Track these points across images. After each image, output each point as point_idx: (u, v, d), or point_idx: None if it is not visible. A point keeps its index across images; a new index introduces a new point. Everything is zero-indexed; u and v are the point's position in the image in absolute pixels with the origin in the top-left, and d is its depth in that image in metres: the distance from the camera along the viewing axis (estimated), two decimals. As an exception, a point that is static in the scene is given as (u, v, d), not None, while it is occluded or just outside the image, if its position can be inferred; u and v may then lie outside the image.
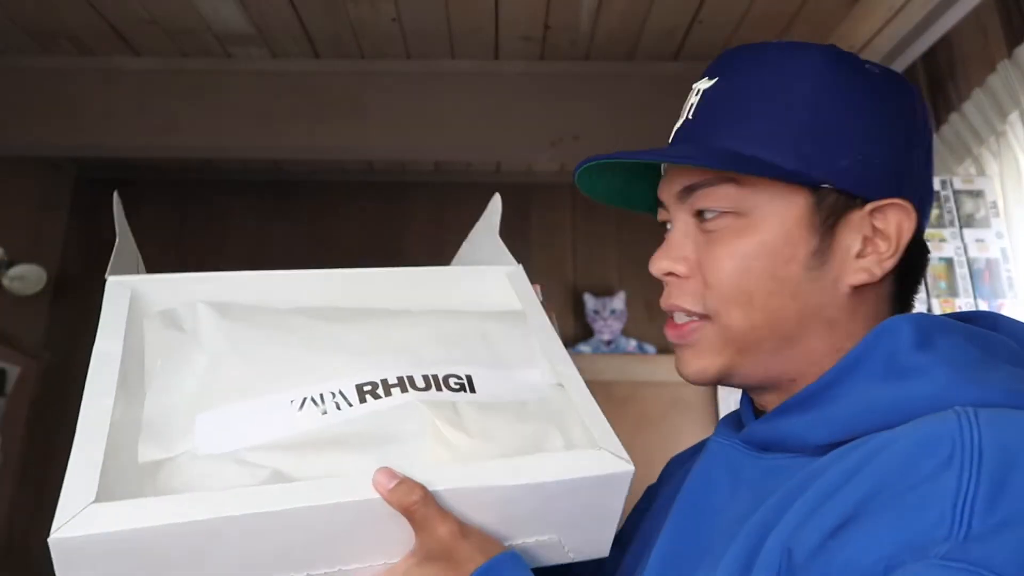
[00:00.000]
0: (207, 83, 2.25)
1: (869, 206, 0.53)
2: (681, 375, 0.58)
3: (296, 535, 0.49)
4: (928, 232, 0.66)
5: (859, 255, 0.53)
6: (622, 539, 0.72)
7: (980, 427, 0.40)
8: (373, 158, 2.70)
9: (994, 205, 1.62)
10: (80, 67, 2.24)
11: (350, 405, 0.55)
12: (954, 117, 1.75)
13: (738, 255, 0.54)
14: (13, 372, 2.45)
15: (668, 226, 0.60)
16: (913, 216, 0.53)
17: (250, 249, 2.82)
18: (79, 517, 0.44)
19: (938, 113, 1.86)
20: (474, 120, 2.24)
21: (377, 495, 0.49)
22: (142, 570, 0.46)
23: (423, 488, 0.50)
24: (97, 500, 0.45)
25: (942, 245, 1.58)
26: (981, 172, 1.68)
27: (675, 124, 0.60)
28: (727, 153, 0.54)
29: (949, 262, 1.58)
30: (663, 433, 2.52)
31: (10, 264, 2.45)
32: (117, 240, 0.65)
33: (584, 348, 2.57)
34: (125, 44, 2.17)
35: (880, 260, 0.53)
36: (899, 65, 2.00)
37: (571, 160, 2.68)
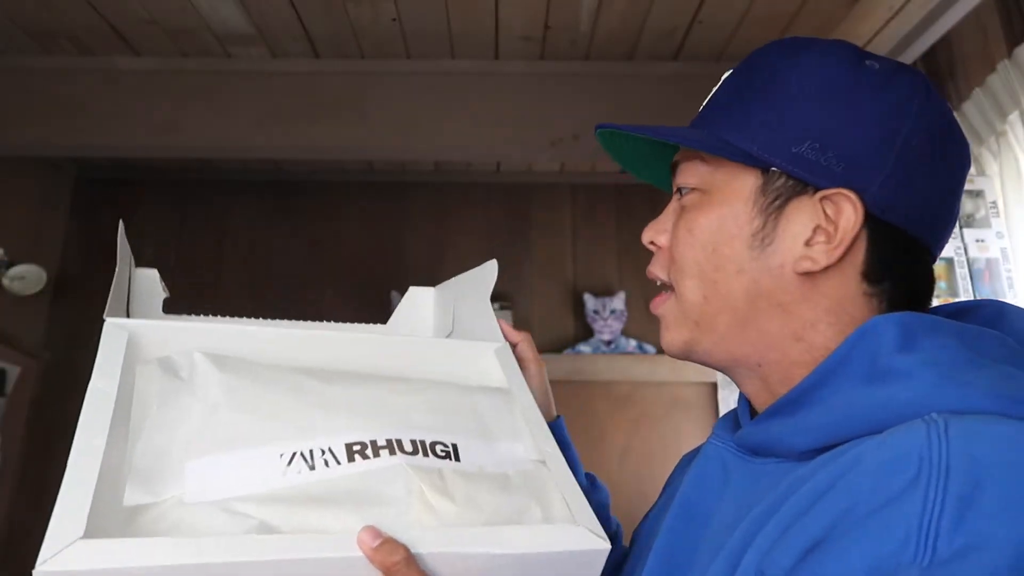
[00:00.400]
0: (207, 83, 2.25)
1: (819, 194, 0.53)
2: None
3: None
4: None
5: (808, 242, 0.53)
6: (631, 541, 0.72)
7: (949, 441, 0.39)
8: (373, 158, 2.70)
9: (994, 205, 1.62)
10: (80, 67, 2.24)
11: (338, 463, 0.56)
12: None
13: (693, 228, 0.58)
14: (13, 372, 2.45)
15: None
16: (859, 208, 0.52)
17: (250, 249, 2.82)
18: (66, 552, 0.44)
19: (938, 113, 1.86)
20: (474, 120, 2.24)
21: (360, 553, 0.50)
22: None
23: (406, 549, 0.50)
24: (85, 536, 0.45)
25: (942, 245, 1.58)
26: (981, 172, 1.68)
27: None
28: (706, 135, 0.58)
29: (949, 262, 1.58)
30: (663, 433, 2.52)
31: (10, 264, 2.45)
32: (116, 275, 0.66)
33: (584, 348, 2.57)
34: (125, 44, 2.17)
35: (827, 250, 0.53)
36: (899, 65, 1.99)
37: (571, 160, 2.68)
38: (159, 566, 0.45)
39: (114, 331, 0.62)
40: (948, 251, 1.58)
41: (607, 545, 0.57)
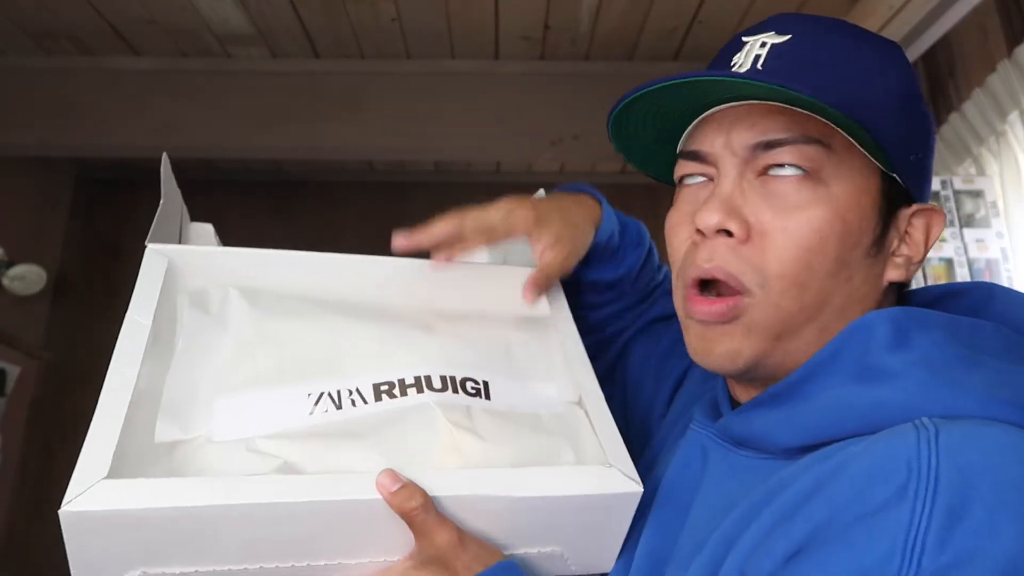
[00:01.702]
0: (207, 83, 2.25)
1: (915, 207, 0.52)
2: (702, 360, 0.52)
3: (298, 527, 0.49)
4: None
5: (894, 253, 0.52)
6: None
7: (939, 449, 0.38)
8: (373, 158, 2.70)
9: (994, 205, 1.62)
10: (80, 67, 2.24)
11: (365, 403, 0.56)
12: (954, 117, 1.75)
13: (814, 226, 0.48)
14: (13, 372, 2.45)
15: (689, 180, 0.54)
16: (942, 223, 0.52)
17: (250, 249, 2.82)
18: (89, 492, 0.45)
19: (938, 113, 1.86)
20: (474, 120, 2.24)
21: (379, 496, 0.49)
22: (146, 546, 0.48)
23: (424, 494, 0.49)
24: (109, 476, 0.46)
25: (942, 245, 1.58)
26: (981, 172, 1.68)
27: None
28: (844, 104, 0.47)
29: (949, 262, 1.58)
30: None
31: (10, 264, 2.45)
32: (161, 204, 0.65)
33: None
34: (125, 44, 2.17)
35: (909, 262, 0.52)
36: (899, 65, 2.00)
37: (571, 160, 2.68)
38: (179, 507, 0.46)
39: (154, 258, 0.61)
40: (948, 251, 1.58)
41: (640, 488, 0.55)
